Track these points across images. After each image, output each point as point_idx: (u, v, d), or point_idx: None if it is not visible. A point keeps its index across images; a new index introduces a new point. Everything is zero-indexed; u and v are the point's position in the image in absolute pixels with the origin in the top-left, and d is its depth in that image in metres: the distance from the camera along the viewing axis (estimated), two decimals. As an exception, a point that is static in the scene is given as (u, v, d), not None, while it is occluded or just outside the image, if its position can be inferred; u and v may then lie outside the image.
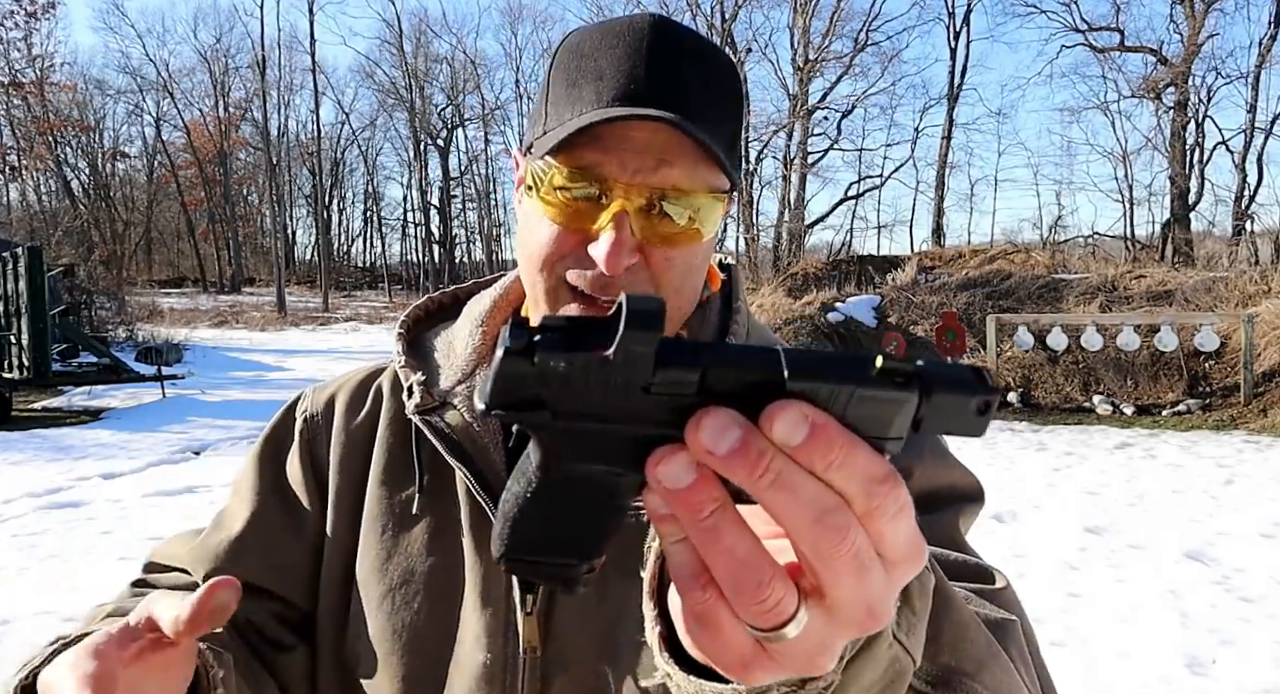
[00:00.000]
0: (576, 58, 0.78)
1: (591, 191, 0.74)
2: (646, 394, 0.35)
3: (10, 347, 12.55)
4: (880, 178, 36.25)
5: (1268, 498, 7.01)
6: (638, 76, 0.74)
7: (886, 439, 0.37)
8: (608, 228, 0.73)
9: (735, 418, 0.35)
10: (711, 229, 0.78)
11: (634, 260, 0.75)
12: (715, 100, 0.77)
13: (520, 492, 0.39)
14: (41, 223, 34.27)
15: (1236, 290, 13.04)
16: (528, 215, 0.80)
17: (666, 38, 0.76)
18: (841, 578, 0.37)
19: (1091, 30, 28.96)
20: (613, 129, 0.73)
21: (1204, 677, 3.87)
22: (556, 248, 0.77)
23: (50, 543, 6.05)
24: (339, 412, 0.93)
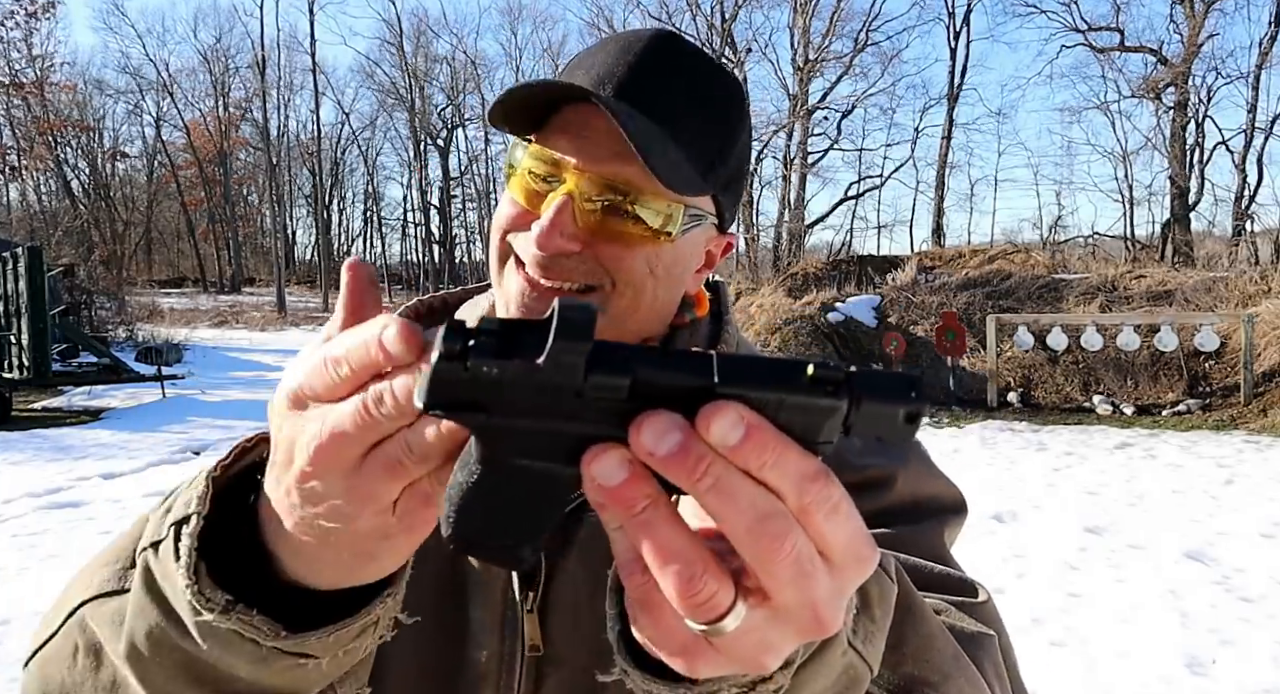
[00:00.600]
0: (582, 55, 0.81)
1: (551, 174, 0.76)
2: (579, 398, 0.37)
3: (10, 346, 12.55)
4: (880, 178, 36.27)
5: (1268, 498, 7.02)
6: (616, 72, 0.76)
7: (817, 443, 0.38)
8: (550, 206, 0.74)
9: (676, 421, 0.36)
10: (674, 234, 0.76)
11: (572, 247, 0.75)
12: (700, 110, 0.77)
13: (464, 481, 0.40)
14: (41, 223, 34.28)
15: (1236, 290, 13.04)
16: (503, 195, 0.82)
17: (664, 46, 0.78)
18: (783, 582, 0.37)
19: (1091, 30, 28.97)
20: (578, 116, 0.74)
21: (1204, 677, 3.87)
22: (511, 222, 0.78)
23: (50, 543, 6.05)
24: None
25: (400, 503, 0.43)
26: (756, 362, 0.38)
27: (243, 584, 0.49)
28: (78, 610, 0.59)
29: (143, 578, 0.52)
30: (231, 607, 0.48)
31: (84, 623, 0.58)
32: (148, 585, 0.52)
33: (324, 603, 0.49)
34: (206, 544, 0.50)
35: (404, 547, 0.46)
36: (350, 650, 0.51)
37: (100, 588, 0.58)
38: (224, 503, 0.51)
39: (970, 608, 0.78)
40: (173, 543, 0.50)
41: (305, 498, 0.44)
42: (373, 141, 51.73)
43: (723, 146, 0.80)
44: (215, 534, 0.50)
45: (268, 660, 0.49)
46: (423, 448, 0.41)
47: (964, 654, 0.67)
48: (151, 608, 0.51)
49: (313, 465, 0.42)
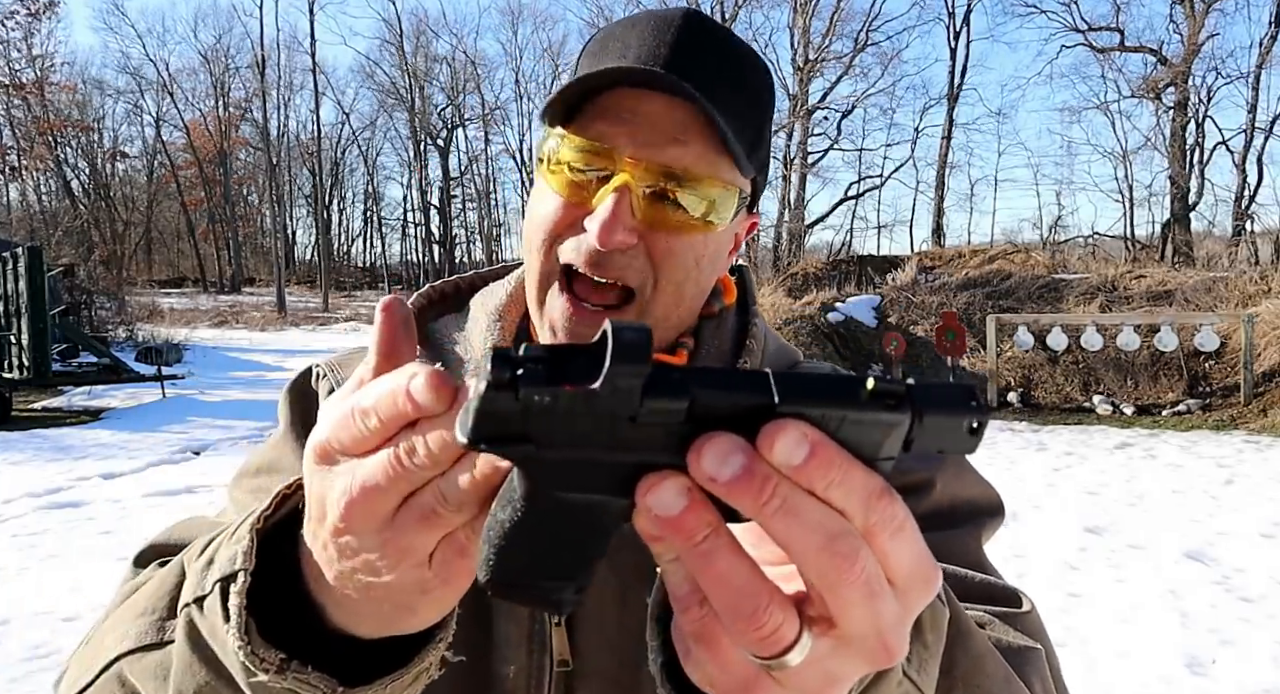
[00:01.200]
0: (605, 38, 0.77)
1: (598, 165, 0.71)
2: (633, 423, 0.35)
3: (10, 346, 12.55)
4: (880, 178, 36.29)
5: (1268, 498, 7.02)
6: (661, 53, 0.71)
7: (878, 460, 0.36)
8: (607, 198, 0.70)
9: (738, 443, 0.34)
10: (721, 222, 0.74)
11: (631, 241, 0.71)
12: (740, 93, 0.74)
13: (506, 519, 0.38)
14: (41, 223, 34.28)
15: (1236, 290, 13.04)
16: (535, 190, 0.77)
17: (698, 25, 0.74)
18: (851, 605, 0.35)
19: (1091, 30, 28.99)
20: (625, 101, 0.70)
21: (1204, 677, 3.87)
22: (555, 223, 0.74)
23: (50, 543, 6.05)
24: None
25: (436, 555, 0.42)
26: (815, 378, 0.36)
27: (291, 635, 0.48)
28: (115, 663, 0.57)
29: (187, 635, 0.51)
30: (286, 665, 0.46)
31: (123, 676, 0.57)
32: (193, 643, 0.50)
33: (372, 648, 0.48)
34: (252, 596, 0.48)
35: (444, 599, 0.45)
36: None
37: (138, 640, 0.56)
38: (265, 550, 0.50)
39: (1014, 619, 0.75)
40: (219, 600, 0.48)
41: (340, 552, 0.42)
42: (373, 141, 51.79)
43: (761, 126, 0.78)
44: (259, 584, 0.49)
45: None
46: (457, 497, 0.39)
47: (1014, 675, 0.65)
48: (200, 667, 0.50)
49: (345, 521, 0.41)
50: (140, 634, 0.56)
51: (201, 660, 0.50)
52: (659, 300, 0.74)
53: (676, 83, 0.68)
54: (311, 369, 0.89)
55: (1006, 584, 0.80)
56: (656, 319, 0.75)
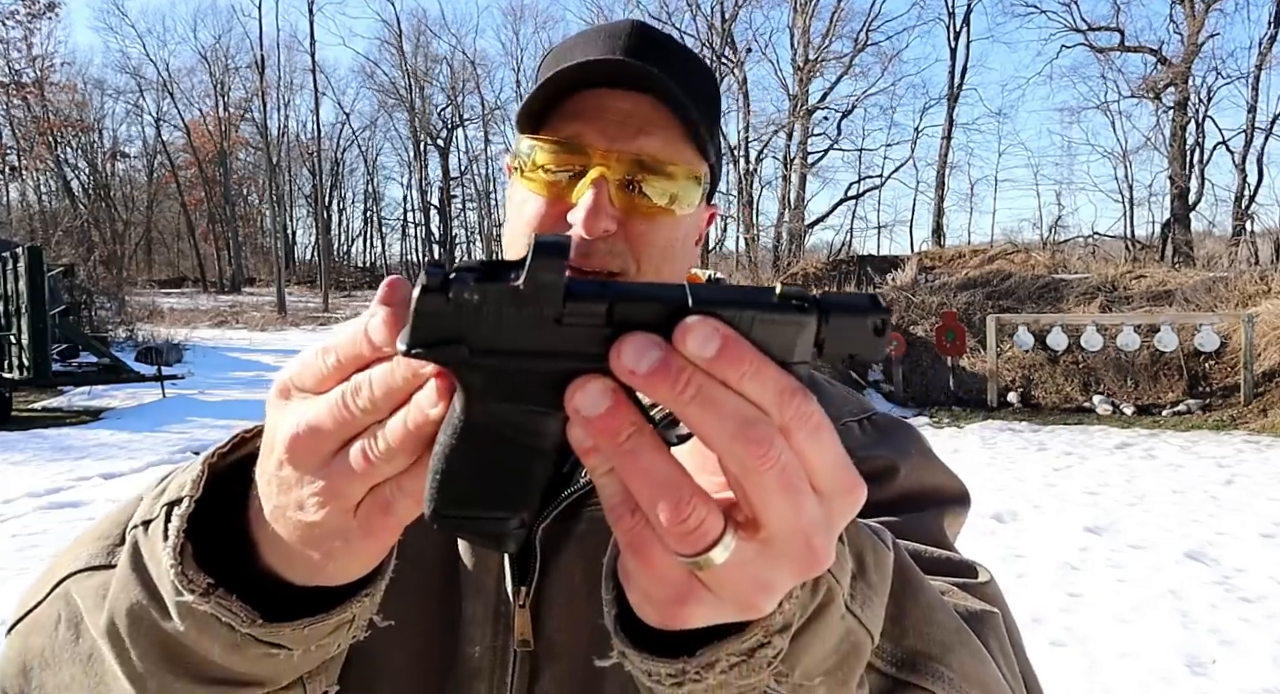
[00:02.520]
0: (560, 52, 0.82)
1: (572, 162, 0.76)
2: (559, 326, 0.37)
3: (10, 346, 12.55)
4: (880, 178, 36.26)
5: (1268, 498, 7.02)
6: (618, 55, 0.77)
7: (792, 363, 0.38)
8: (587, 192, 0.74)
9: (654, 339, 0.37)
10: (690, 207, 0.79)
11: (613, 228, 0.75)
12: (692, 93, 0.78)
13: (446, 442, 0.40)
14: (41, 223, 34.29)
15: (1236, 290, 13.04)
16: (514, 197, 0.81)
17: (647, 34, 0.80)
18: (771, 496, 0.37)
19: (1091, 30, 28.98)
20: (590, 101, 0.75)
21: (1204, 677, 3.87)
22: (540, 222, 0.77)
23: (50, 543, 6.05)
24: None
25: (363, 506, 0.43)
26: (728, 287, 0.39)
27: (229, 572, 0.49)
28: (64, 582, 0.59)
29: (130, 555, 0.52)
30: (212, 590, 0.48)
31: (68, 595, 0.59)
32: (134, 562, 0.52)
33: (301, 598, 0.50)
34: (197, 528, 0.50)
35: (365, 552, 0.46)
36: (323, 645, 0.52)
37: (88, 562, 0.59)
38: (220, 491, 0.52)
39: (972, 588, 0.78)
40: (163, 523, 0.50)
41: (280, 487, 0.45)
42: (373, 141, 51.81)
43: (714, 118, 0.83)
44: (207, 520, 0.51)
45: (241, 647, 0.49)
46: (390, 445, 0.41)
47: (966, 627, 0.67)
48: (135, 585, 0.51)
49: (288, 454, 0.43)
50: (91, 556, 0.59)
51: (138, 579, 0.51)
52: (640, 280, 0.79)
53: (643, 69, 0.73)
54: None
55: (964, 558, 0.82)
56: None
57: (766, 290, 0.39)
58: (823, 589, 0.49)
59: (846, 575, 0.51)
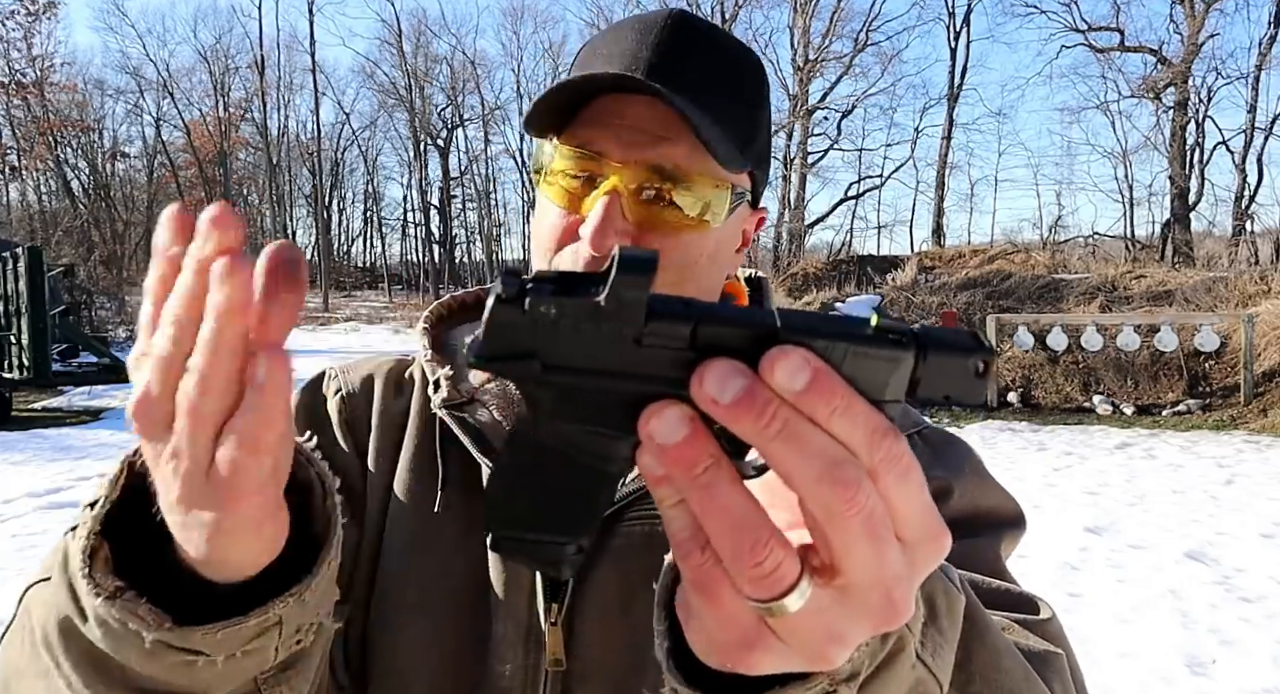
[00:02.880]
0: (592, 46, 0.78)
1: (587, 170, 0.73)
2: (638, 346, 0.35)
3: (10, 346, 12.55)
4: (880, 178, 36.26)
5: (1268, 498, 7.02)
6: (642, 57, 0.73)
7: (883, 402, 0.36)
8: (597, 205, 0.71)
9: (739, 367, 0.34)
10: (716, 219, 0.75)
11: (626, 243, 0.71)
12: (725, 88, 0.75)
13: (509, 461, 0.38)
14: (41, 223, 34.30)
15: (1236, 290, 13.05)
16: (538, 203, 0.80)
17: (682, 26, 0.75)
18: (854, 544, 0.35)
19: (1091, 30, 28.98)
20: (610, 106, 0.72)
21: (1204, 677, 3.87)
22: (555, 234, 0.75)
23: (50, 543, 6.04)
24: (378, 394, 0.86)
25: (212, 471, 0.40)
26: (820, 315, 0.36)
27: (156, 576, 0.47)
28: (25, 594, 0.58)
29: (60, 562, 0.50)
30: (120, 592, 0.46)
31: (28, 607, 0.56)
32: (63, 569, 0.50)
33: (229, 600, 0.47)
34: (124, 530, 0.48)
35: (237, 528, 0.42)
36: (249, 652, 0.48)
37: (44, 572, 0.56)
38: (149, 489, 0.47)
39: (1034, 626, 0.75)
40: (86, 528, 0.48)
41: (151, 468, 0.42)
42: (373, 141, 51.75)
43: (753, 121, 0.78)
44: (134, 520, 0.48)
45: (156, 654, 0.46)
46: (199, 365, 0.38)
47: (1034, 673, 0.64)
48: (63, 592, 0.49)
49: (136, 424, 0.41)
50: (46, 567, 0.56)
51: (65, 587, 0.49)
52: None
53: (645, 85, 0.69)
54: (325, 371, 0.90)
55: (1024, 591, 0.79)
56: None
57: (862, 321, 0.36)
58: (894, 637, 0.46)
59: (918, 622, 0.49)
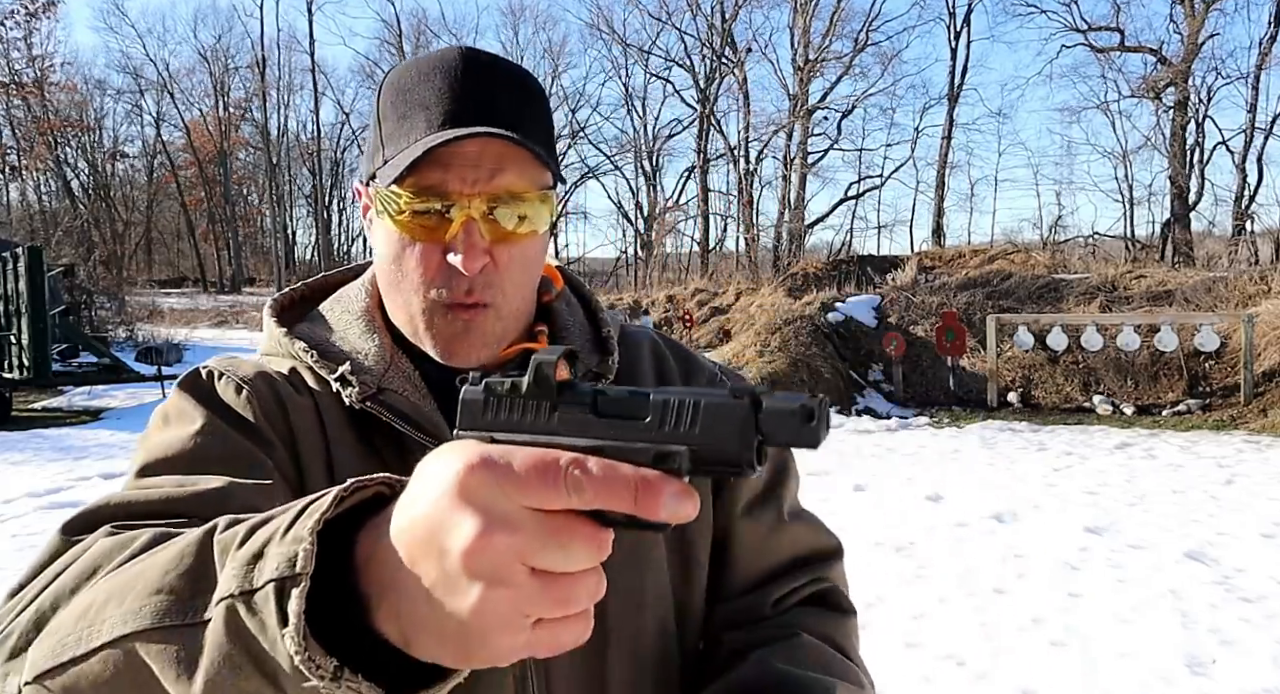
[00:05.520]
0: (400, 93, 0.87)
1: (438, 207, 0.83)
2: (554, 412, 0.47)
3: (10, 346, 12.55)
4: (880, 178, 36.23)
5: (1268, 498, 7.01)
6: (458, 99, 0.84)
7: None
8: (460, 234, 0.83)
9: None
10: (544, 223, 0.89)
11: (486, 259, 0.84)
12: (527, 109, 0.88)
13: None
14: (41, 223, 34.29)
15: (1236, 290, 13.04)
16: (383, 239, 0.88)
17: (476, 63, 0.87)
18: None
19: (1091, 30, 28.97)
20: (447, 150, 0.82)
21: (1204, 677, 3.87)
22: (424, 268, 0.86)
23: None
24: (283, 393, 0.89)
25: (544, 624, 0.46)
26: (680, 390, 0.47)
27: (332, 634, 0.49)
28: (123, 640, 0.55)
29: (228, 626, 0.51)
30: (340, 674, 0.47)
31: (132, 655, 0.55)
32: (234, 635, 0.50)
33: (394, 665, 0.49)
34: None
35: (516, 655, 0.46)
36: None
37: (155, 620, 0.54)
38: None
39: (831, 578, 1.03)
40: (274, 601, 0.48)
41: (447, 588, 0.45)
42: (373, 141, 51.62)
43: (550, 130, 0.91)
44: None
45: None
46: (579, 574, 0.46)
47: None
48: (243, 660, 0.50)
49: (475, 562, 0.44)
50: (157, 613, 0.54)
51: (244, 653, 0.50)
52: (508, 304, 0.89)
53: (492, 133, 0.81)
54: (204, 370, 0.92)
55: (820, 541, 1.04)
56: (507, 316, 0.90)
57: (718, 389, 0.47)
58: None
59: None
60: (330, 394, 0.89)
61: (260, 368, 0.92)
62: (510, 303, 0.89)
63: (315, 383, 0.90)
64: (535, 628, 0.45)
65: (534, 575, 0.44)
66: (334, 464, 0.87)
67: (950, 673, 3.95)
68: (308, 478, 0.85)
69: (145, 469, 0.80)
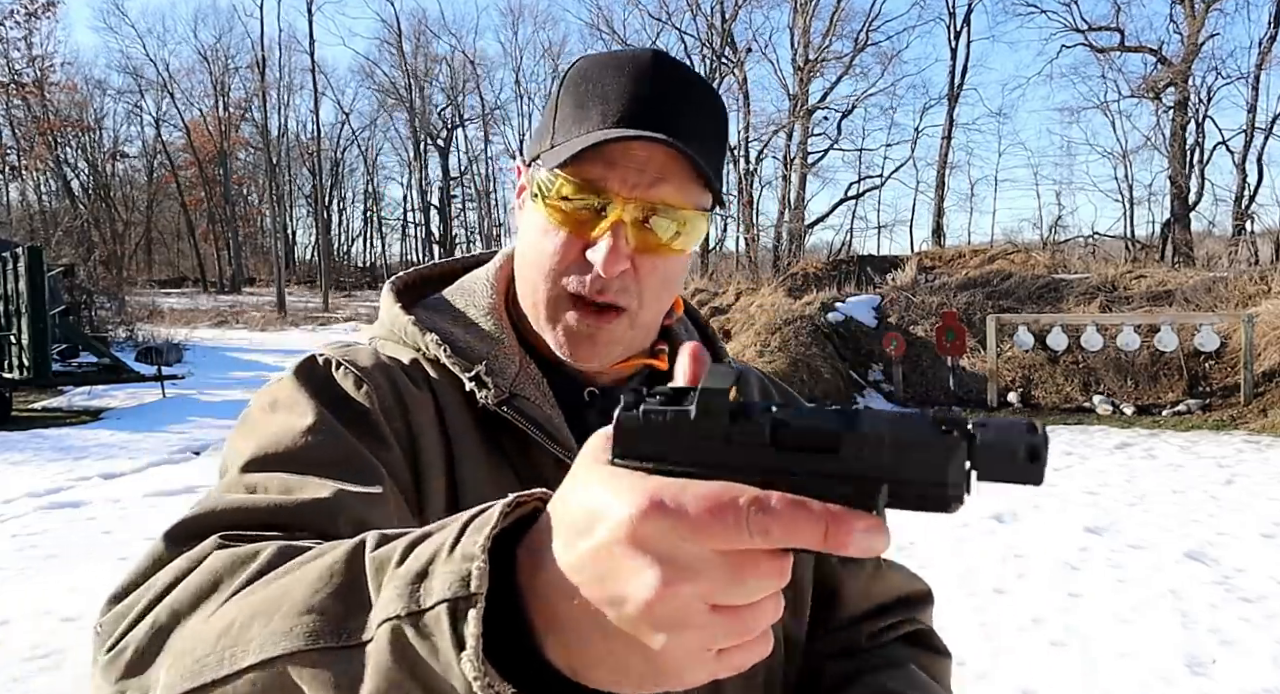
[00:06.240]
0: (584, 82, 0.85)
1: (594, 202, 0.82)
2: (729, 444, 0.43)
3: (10, 347, 12.55)
4: (880, 178, 36.22)
5: (1268, 498, 7.02)
6: (640, 101, 0.82)
7: (945, 483, 0.42)
8: (606, 235, 0.81)
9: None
10: (694, 243, 0.87)
11: (626, 266, 0.83)
12: (705, 127, 0.85)
13: None
14: (41, 223, 34.27)
15: (1236, 290, 13.04)
16: (532, 222, 0.87)
17: (666, 69, 0.85)
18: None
19: (1091, 30, 28.95)
20: (616, 147, 0.81)
21: (1204, 677, 3.87)
22: (561, 257, 0.84)
23: (50, 543, 6.05)
24: (405, 388, 0.85)
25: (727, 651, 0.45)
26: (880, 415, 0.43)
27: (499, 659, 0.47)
28: (276, 661, 0.52)
29: (394, 649, 0.48)
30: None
31: (284, 677, 0.52)
32: (401, 658, 0.48)
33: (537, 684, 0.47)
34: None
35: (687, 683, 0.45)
36: None
37: (308, 641, 0.51)
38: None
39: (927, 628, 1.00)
40: (447, 622, 0.46)
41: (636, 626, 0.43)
42: (373, 141, 51.76)
43: (723, 154, 0.90)
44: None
45: None
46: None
47: None
48: (411, 686, 0.48)
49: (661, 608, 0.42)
50: (310, 635, 0.51)
51: (411, 678, 0.47)
52: (642, 314, 0.87)
53: (661, 138, 0.79)
54: (320, 357, 0.87)
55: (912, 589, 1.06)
56: (641, 327, 0.89)
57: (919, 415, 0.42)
58: None
59: None
60: (455, 392, 0.87)
61: (378, 358, 0.88)
62: (645, 312, 0.87)
63: (440, 378, 0.87)
64: (719, 656, 0.44)
65: (716, 611, 0.42)
66: (455, 466, 0.84)
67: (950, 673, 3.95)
68: (425, 480, 0.82)
69: (252, 463, 0.75)
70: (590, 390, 0.93)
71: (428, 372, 0.88)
